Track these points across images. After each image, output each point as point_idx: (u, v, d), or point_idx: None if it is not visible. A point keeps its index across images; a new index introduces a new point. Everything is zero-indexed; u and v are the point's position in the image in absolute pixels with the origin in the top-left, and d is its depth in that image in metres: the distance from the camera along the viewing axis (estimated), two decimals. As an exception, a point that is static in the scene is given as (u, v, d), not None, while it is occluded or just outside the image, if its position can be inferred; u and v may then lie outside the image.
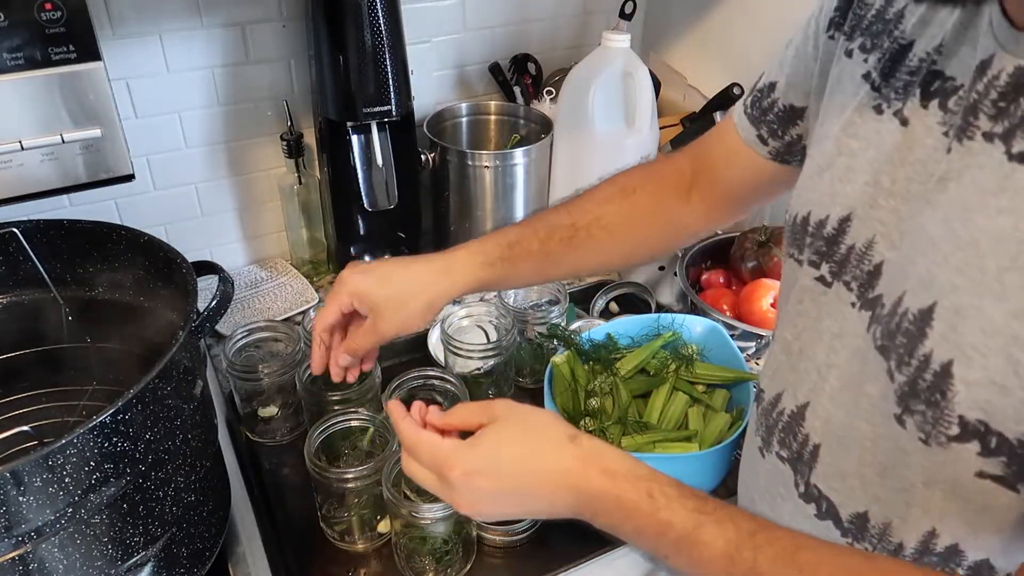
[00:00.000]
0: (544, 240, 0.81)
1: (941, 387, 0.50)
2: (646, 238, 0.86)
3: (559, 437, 0.60)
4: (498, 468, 0.60)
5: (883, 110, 0.56)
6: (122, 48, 1.08)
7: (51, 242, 0.81)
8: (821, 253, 0.61)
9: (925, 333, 0.51)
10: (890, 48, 0.57)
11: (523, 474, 0.59)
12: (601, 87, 1.20)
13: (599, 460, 0.58)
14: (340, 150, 1.14)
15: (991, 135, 0.48)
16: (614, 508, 0.57)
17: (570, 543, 0.91)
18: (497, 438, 0.61)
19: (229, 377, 1.01)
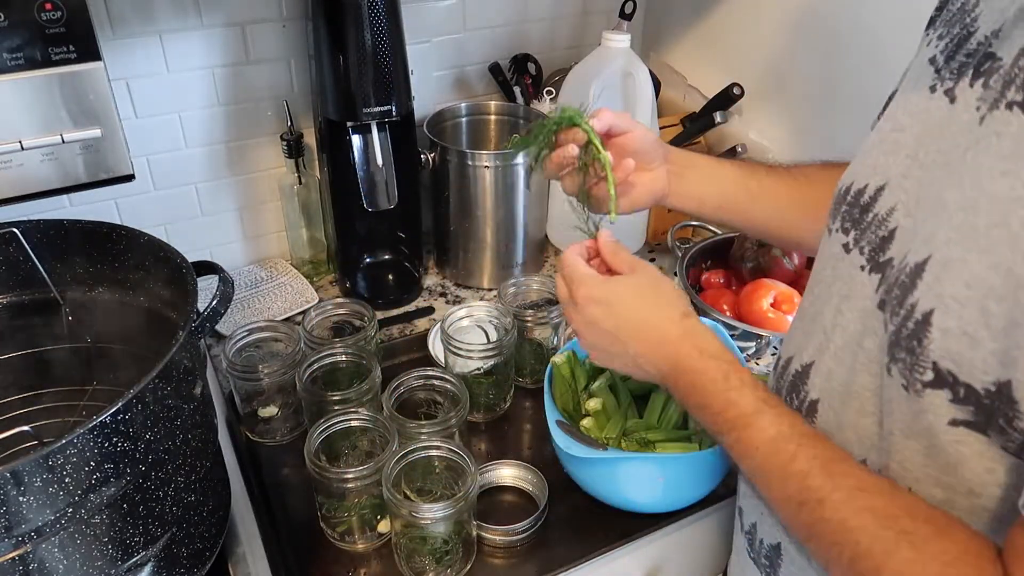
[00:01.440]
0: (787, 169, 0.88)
1: (919, 334, 0.53)
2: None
3: (675, 310, 0.72)
4: (616, 306, 0.72)
5: (936, 89, 0.59)
6: (122, 48, 1.08)
7: (51, 242, 0.81)
8: (854, 220, 0.64)
9: (916, 284, 0.54)
10: (958, 34, 0.60)
11: (632, 321, 0.72)
12: (601, 87, 1.20)
13: (695, 338, 0.69)
14: (340, 150, 1.14)
15: (1012, 103, 0.50)
16: (692, 380, 0.67)
17: (570, 543, 0.91)
18: (627, 284, 0.74)
19: (229, 377, 1.02)
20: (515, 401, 1.11)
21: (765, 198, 0.88)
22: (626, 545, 0.90)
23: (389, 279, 1.30)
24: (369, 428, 0.91)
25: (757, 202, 0.88)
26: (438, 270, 1.37)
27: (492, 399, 1.08)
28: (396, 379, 0.96)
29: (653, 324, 0.71)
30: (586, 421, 0.91)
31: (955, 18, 0.62)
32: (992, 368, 0.49)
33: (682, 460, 0.87)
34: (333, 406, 0.93)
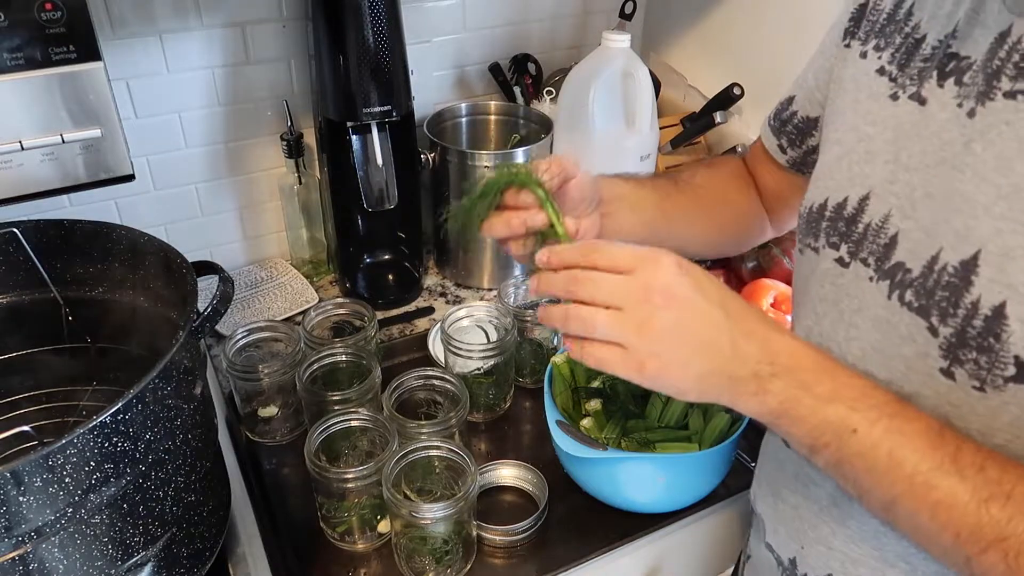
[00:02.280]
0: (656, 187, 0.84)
1: (994, 330, 0.49)
2: (735, 202, 0.88)
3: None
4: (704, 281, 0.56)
5: (899, 96, 0.61)
6: (122, 48, 1.08)
7: (51, 242, 0.81)
8: (841, 234, 0.63)
9: (971, 281, 0.51)
10: (904, 43, 0.62)
11: (729, 297, 0.57)
12: (601, 87, 1.20)
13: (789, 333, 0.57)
14: (340, 150, 1.14)
15: (1013, 92, 0.52)
16: (813, 365, 0.54)
17: (570, 543, 0.91)
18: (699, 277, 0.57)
19: (229, 377, 1.01)
20: (515, 401, 1.11)
21: (678, 218, 0.84)
22: (626, 545, 0.90)
23: (389, 279, 1.30)
24: (369, 428, 0.91)
25: (673, 224, 0.83)
26: (438, 270, 1.37)
27: (492, 399, 1.08)
28: (396, 379, 0.96)
29: (743, 300, 0.57)
30: (586, 421, 0.91)
31: (888, 29, 0.64)
32: None
33: (682, 460, 0.87)
34: (333, 406, 0.93)
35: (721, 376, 0.55)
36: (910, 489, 0.50)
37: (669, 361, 0.55)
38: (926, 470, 0.49)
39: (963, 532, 0.48)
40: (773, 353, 0.55)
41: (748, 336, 0.55)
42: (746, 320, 0.56)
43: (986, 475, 0.48)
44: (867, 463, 0.51)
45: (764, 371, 0.54)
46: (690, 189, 0.87)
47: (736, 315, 0.56)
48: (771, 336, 0.55)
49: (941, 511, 0.49)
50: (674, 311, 0.54)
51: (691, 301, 0.55)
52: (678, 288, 0.55)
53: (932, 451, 0.50)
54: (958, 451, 0.49)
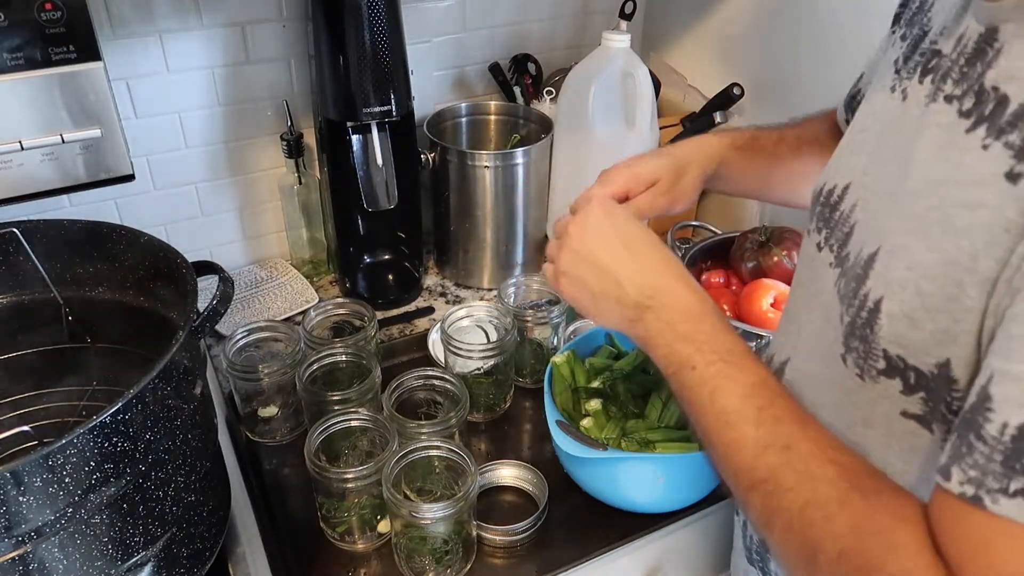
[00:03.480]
0: (776, 142, 0.87)
1: (871, 322, 0.54)
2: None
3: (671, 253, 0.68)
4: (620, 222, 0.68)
5: (895, 89, 0.61)
6: (122, 48, 1.08)
7: (51, 242, 0.80)
8: (824, 220, 0.65)
9: (868, 275, 0.55)
10: (916, 35, 0.62)
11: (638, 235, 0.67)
12: (601, 87, 1.20)
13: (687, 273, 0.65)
14: (340, 150, 1.14)
15: (951, 97, 0.53)
16: (682, 305, 0.62)
17: (570, 543, 0.91)
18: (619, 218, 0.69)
19: (229, 377, 1.01)
20: (515, 401, 1.11)
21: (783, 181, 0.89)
22: (626, 545, 0.90)
23: (389, 279, 1.30)
24: (369, 428, 0.91)
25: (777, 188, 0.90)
26: (438, 270, 1.37)
27: (492, 399, 1.08)
28: (396, 379, 0.96)
29: (657, 249, 0.66)
30: (586, 421, 0.91)
31: (915, 18, 0.65)
32: (932, 348, 0.50)
33: (682, 460, 0.87)
34: (333, 406, 0.93)
35: (610, 299, 0.65)
36: (716, 425, 0.56)
37: (573, 280, 0.68)
38: (731, 411, 0.55)
39: (740, 471, 0.53)
40: (656, 289, 0.63)
41: (642, 271, 0.65)
42: (646, 258, 0.66)
43: (778, 427, 0.53)
44: (695, 396, 0.58)
45: (643, 302, 0.63)
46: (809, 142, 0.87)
47: (639, 252, 0.66)
48: (660, 275, 0.64)
49: (731, 450, 0.54)
50: (585, 242, 0.68)
51: (600, 235, 0.67)
52: (594, 224, 0.68)
53: (744, 399, 0.55)
54: (768, 403, 0.54)
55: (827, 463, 0.49)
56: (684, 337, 0.60)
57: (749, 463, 0.53)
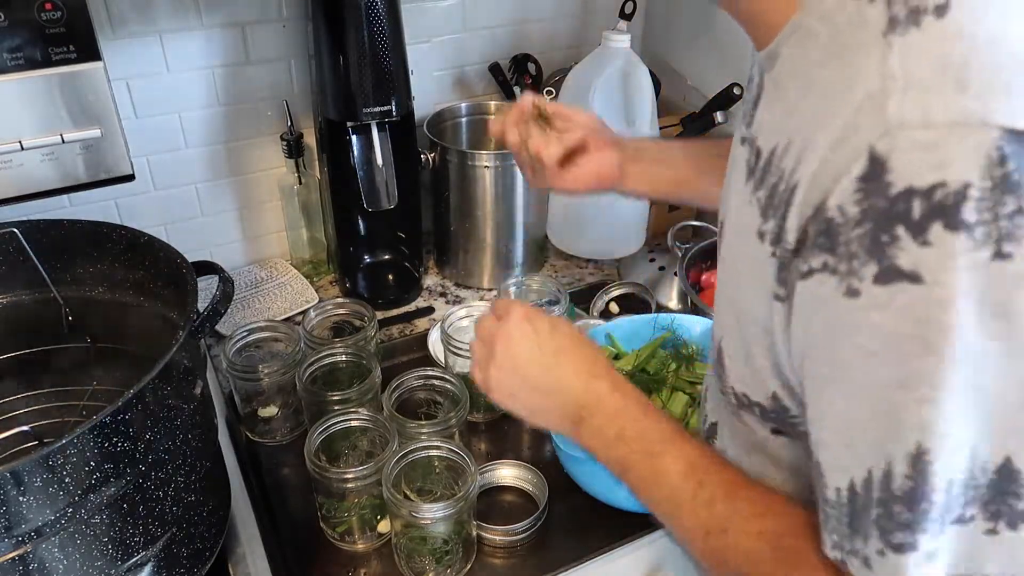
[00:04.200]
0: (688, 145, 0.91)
1: (721, 361, 0.57)
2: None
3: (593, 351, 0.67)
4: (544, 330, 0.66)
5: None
6: (122, 48, 1.07)
7: (51, 242, 0.80)
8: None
9: (716, 317, 0.59)
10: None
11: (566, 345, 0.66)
12: (601, 87, 1.20)
13: (610, 373, 0.65)
14: (340, 150, 1.14)
15: (744, 139, 0.54)
16: (609, 411, 0.63)
17: (570, 543, 0.91)
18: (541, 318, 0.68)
19: (229, 377, 1.01)
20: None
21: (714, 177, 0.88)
22: (626, 545, 0.90)
23: (389, 279, 1.30)
24: (369, 428, 0.91)
25: (704, 180, 0.87)
26: (438, 270, 1.37)
27: (492, 399, 1.08)
28: (396, 379, 0.96)
29: (571, 358, 0.66)
30: (586, 421, 0.91)
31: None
32: (757, 388, 0.53)
33: (682, 460, 0.87)
34: (333, 406, 0.93)
35: (547, 414, 0.67)
36: (662, 515, 0.60)
37: (508, 396, 0.68)
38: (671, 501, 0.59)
39: (693, 552, 0.59)
40: (585, 400, 0.64)
41: (570, 383, 0.65)
42: (571, 365, 0.65)
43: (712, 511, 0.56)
44: (640, 494, 0.62)
45: (576, 414, 0.64)
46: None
47: (566, 361, 0.65)
48: (587, 384, 0.64)
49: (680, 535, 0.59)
50: (513, 358, 0.66)
51: (524, 347, 0.66)
52: (516, 334, 0.66)
53: (676, 489, 0.58)
54: (698, 486, 0.57)
55: (756, 537, 0.54)
56: (617, 439, 0.62)
57: (698, 547, 0.57)
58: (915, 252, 0.38)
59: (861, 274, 0.39)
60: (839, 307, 0.41)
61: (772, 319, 0.48)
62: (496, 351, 0.67)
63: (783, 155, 0.46)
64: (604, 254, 1.36)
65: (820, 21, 0.45)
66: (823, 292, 0.42)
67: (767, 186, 0.48)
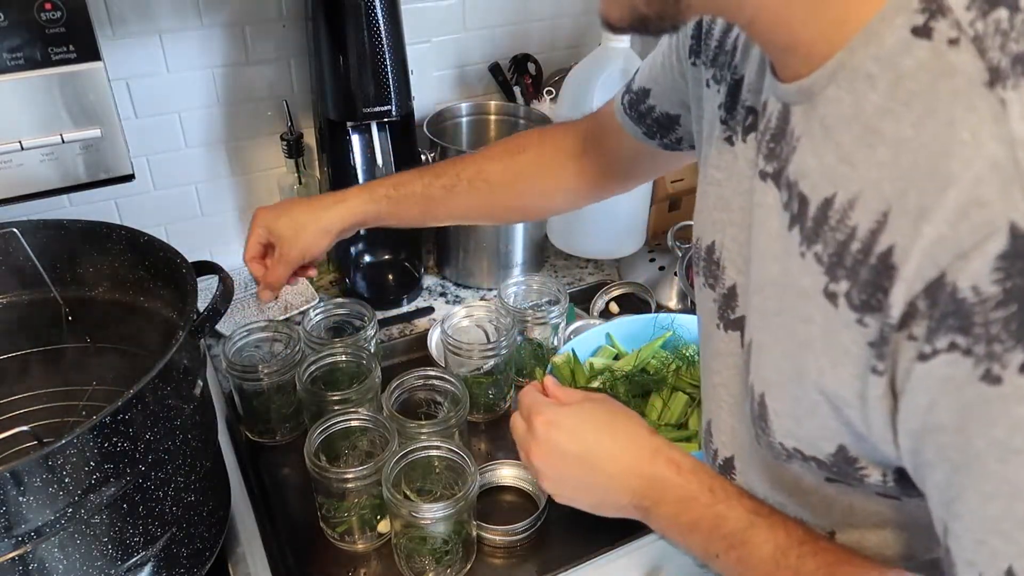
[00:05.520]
0: (427, 185, 0.89)
1: (764, 416, 0.54)
2: (525, 196, 0.92)
3: (640, 427, 0.63)
4: (579, 429, 0.63)
5: (734, 142, 0.59)
6: (122, 48, 1.07)
7: (51, 242, 0.80)
8: (714, 276, 0.63)
9: (750, 367, 0.55)
10: (730, 81, 0.59)
11: (600, 443, 0.62)
12: (601, 87, 1.20)
13: (668, 451, 0.61)
14: (340, 150, 1.14)
15: (766, 174, 0.51)
16: (676, 497, 0.59)
17: (570, 543, 0.91)
18: (588, 408, 0.64)
19: (229, 377, 1.01)
20: (515, 401, 1.11)
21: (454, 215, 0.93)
22: (626, 545, 0.90)
23: (389, 279, 1.30)
24: (369, 428, 0.91)
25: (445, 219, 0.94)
26: (438, 270, 1.37)
27: (492, 399, 1.08)
28: (396, 379, 0.96)
29: (623, 443, 0.62)
30: (586, 421, 0.91)
31: (720, 59, 0.61)
32: (821, 441, 0.50)
33: (682, 460, 0.87)
34: (333, 406, 0.93)
35: (607, 507, 0.63)
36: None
37: (565, 496, 0.65)
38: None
39: None
40: (644, 488, 0.60)
41: (622, 473, 0.61)
42: (621, 454, 0.61)
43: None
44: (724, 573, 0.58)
45: (641, 504, 0.60)
46: (480, 188, 0.89)
47: (607, 454, 0.62)
48: (644, 467, 0.60)
49: None
50: (550, 464, 0.64)
51: (559, 452, 0.63)
52: (548, 441, 0.63)
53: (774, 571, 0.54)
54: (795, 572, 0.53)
55: None
56: (692, 528, 0.58)
57: None
58: None
59: (1005, 360, 0.36)
60: (976, 393, 0.37)
61: (866, 390, 0.44)
62: (535, 464, 0.64)
63: (848, 210, 0.43)
64: (604, 254, 1.36)
65: (876, 63, 0.41)
66: (956, 375, 0.38)
67: (831, 242, 0.44)
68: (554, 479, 0.65)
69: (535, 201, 0.93)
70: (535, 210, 1.00)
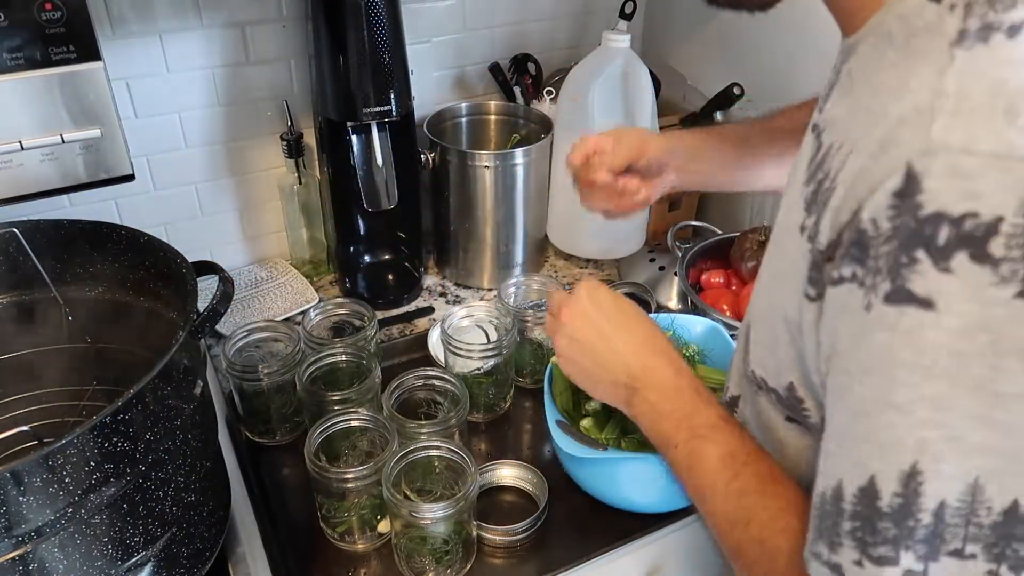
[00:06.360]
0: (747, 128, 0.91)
1: (747, 346, 0.59)
2: None
3: (658, 330, 0.73)
4: (602, 311, 0.73)
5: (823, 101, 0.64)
6: (122, 48, 1.07)
7: (51, 242, 0.80)
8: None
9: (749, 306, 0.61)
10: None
11: (619, 326, 0.72)
12: (601, 87, 1.20)
13: (673, 353, 0.71)
14: (340, 150, 1.14)
15: (814, 125, 0.53)
16: (664, 387, 0.67)
17: (570, 543, 0.91)
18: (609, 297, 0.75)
19: (229, 377, 1.01)
20: (515, 401, 1.11)
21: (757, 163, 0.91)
22: (626, 545, 0.90)
23: (389, 279, 1.30)
24: (369, 428, 0.91)
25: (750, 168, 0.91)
26: (438, 270, 1.37)
27: (492, 399, 1.08)
28: (396, 379, 0.96)
29: (639, 334, 0.72)
30: (586, 421, 0.91)
31: None
32: (776, 375, 0.55)
33: (682, 460, 0.87)
34: (333, 406, 0.93)
35: (603, 381, 0.72)
36: (694, 497, 0.63)
37: (570, 362, 0.75)
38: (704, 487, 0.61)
39: (718, 539, 0.60)
40: (640, 369, 0.69)
41: (626, 350, 0.71)
42: (632, 340, 0.71)
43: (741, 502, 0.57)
44: (677, 471, 0.65)
45: (631, 384, 0.69)
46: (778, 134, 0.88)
47: (625, 334, 0.72)
48: (643, 355, 0.70)
49: (708, 520, 0.61)
50: (574, 325, 0.74)
51: (588, 319, 0.73)
52: (580, 308, 0.74)
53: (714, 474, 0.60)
54: (734, 476, 0.58)
55: (779, 534, 0.53)
56: (666, 416, 0.66)
57: (723, 534, 0.59)
58: (933, 278, 0.37)
59: (878, 290, 0.39)
60: (858, 320, 0.41)
61: (802, 316, 0.48)
62: (562, 323, 0.74)
63: (835, 153, 0.46)
64: (604, 254, 1.36)
65: (898, 21, 0.44)
66: (850, 303, 0.42)
67: (815, 181, 0.47)
68: (574, 353, 0.74)
69: None
70: None
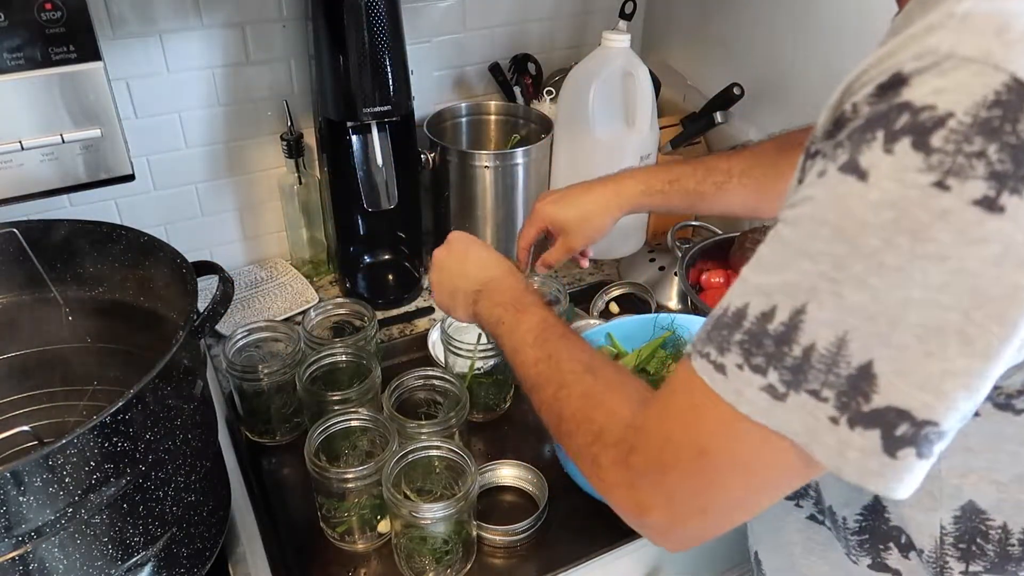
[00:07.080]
0: (699, 182, 0.93)
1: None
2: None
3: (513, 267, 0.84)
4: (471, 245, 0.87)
5: None
6: (122, 48, 1.07)
7: (51, 242, 0.80)
8: None
9: None
10: None
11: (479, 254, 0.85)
12: (601, 87, 1.20)
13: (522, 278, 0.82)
14: (340, 150, 1.14)
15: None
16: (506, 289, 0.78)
17: (570, 543, 0.91)
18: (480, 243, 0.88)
19: (229, 377, 1.01)
20: (515, 401, 1.11)
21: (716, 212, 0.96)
22: (626, 545, 0.90)
23: (389, 279, 1.30)
24: (369, 428, 0.91)
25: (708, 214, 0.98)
26: (438, 270, 1.37)
27: (492, 399, 1.08)
28: (396, 379, 0.96)
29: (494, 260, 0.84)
30: (586, 421, 0.91)
31: None
32: None
33: (682, 460, 0.87)
34: (333, 406, 0.93)
35: (458, 294, 0.83)
36: (511, 354, 0.72)
37: (437, 287, 0.87)
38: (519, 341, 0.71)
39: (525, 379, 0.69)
40: (486, 279, 0.81)
41: (478, 268, 0.83)
42: (481, 260, 0.84)
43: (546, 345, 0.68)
44: (502, 341, 0.74)
45: (478, 289, 0.81)
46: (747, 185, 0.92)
47: (477, 257, 0.85)
48: (491, 270, 0.82)
49: (519, 367, 0.70)
50: (439, 259, 0.88)
51: (451, 254, 0.87)
52: (446, 248, 0.88)
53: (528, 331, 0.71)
54: (542, 332, 0.70)
55: (574, 361, 0.64)
56: (499, 304, 0.77)
57: (530, 372, 0.68)
58: (877, 155, 0.41)
59: (837, 160, 0.43)
60: (811, 181, 0.45)
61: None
62: (432, 261, 0.88)
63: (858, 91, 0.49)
64: (604, 254, 1.36)
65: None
66: (813, 170, 0.46)
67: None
68: (438, 267, 0.87)
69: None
70: None
